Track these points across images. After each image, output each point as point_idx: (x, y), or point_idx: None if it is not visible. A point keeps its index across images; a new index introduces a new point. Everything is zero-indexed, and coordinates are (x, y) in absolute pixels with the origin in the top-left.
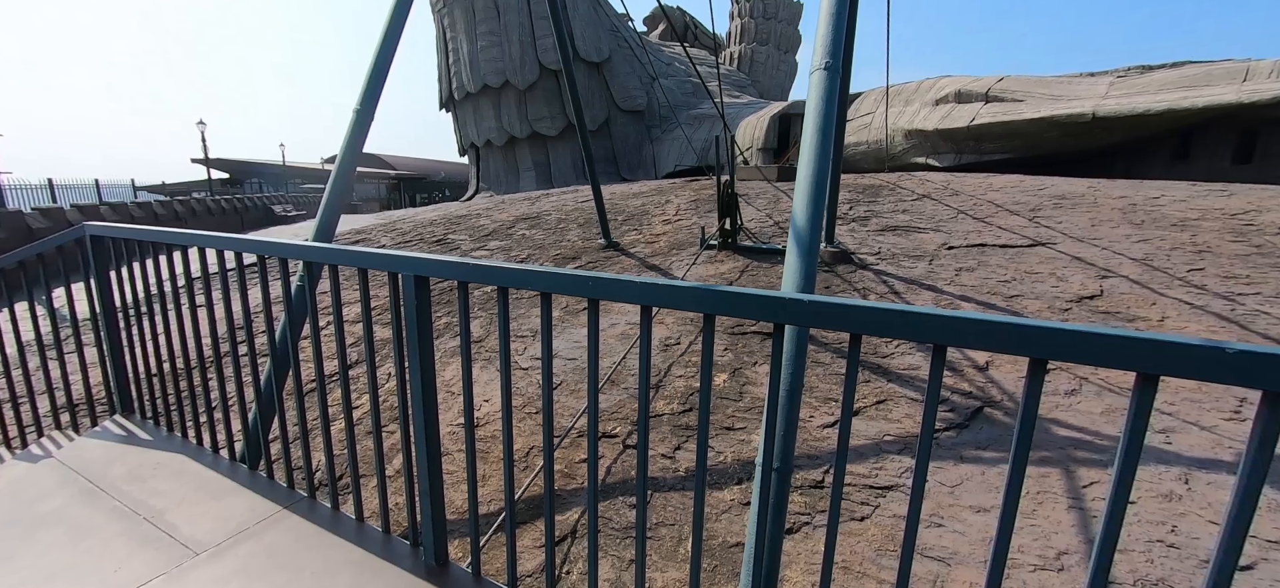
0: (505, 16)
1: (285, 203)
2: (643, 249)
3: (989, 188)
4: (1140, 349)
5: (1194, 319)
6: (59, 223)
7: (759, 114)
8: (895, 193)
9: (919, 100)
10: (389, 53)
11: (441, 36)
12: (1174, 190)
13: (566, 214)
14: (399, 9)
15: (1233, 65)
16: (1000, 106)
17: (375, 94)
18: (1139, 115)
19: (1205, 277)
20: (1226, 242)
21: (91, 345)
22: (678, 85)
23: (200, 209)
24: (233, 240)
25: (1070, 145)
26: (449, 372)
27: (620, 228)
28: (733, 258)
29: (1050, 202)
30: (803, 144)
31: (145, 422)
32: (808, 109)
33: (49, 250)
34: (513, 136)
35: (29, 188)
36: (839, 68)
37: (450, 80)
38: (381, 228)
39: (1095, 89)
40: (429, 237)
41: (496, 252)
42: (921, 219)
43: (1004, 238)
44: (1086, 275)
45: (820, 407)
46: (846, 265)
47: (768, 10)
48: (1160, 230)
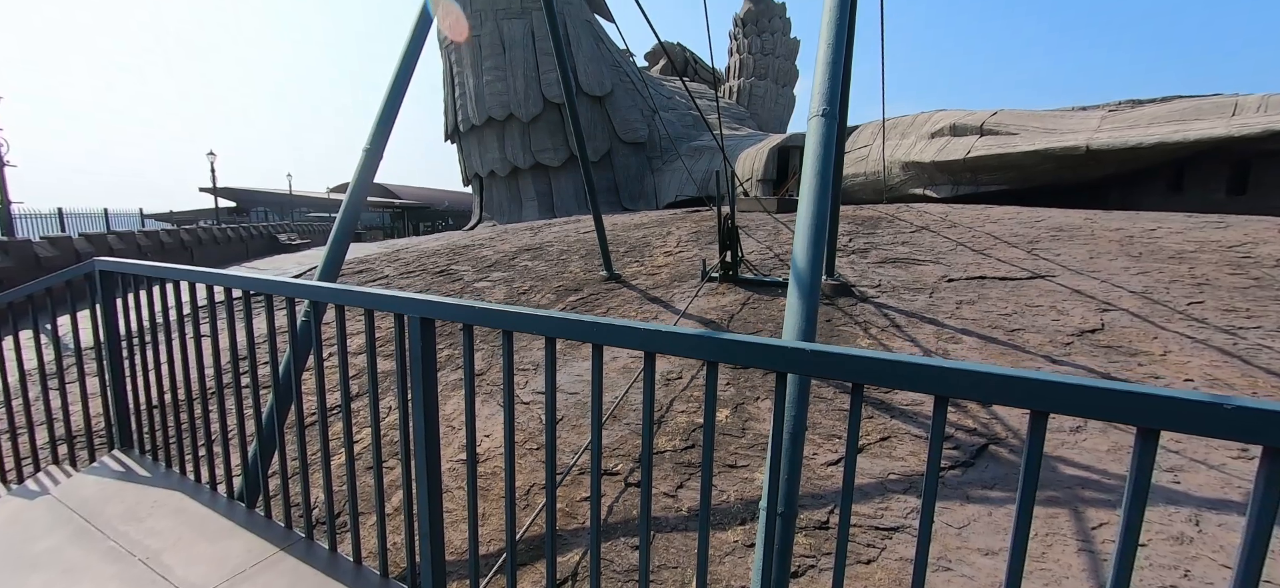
0: (511, 53)
1: (290, 232)
2: (644, 281)
3: (987, 219)
4: (1139, 404)
5: (1196, 354)
6: (66, 252)
7: (758, 146)
8: (894, 225)
9: (915, 133)
10: (399, 95)
11: (448, 71)
12: (1170, 222)
13: (568, 245)
14: (410, 52)
15: (1221, 100)
16: (995, 140)
17: (384, 134)
18: (1131, 148)
19: (1205, 310)
20: (1225, 274)
21: (93, 375)
22: (678, 118)
23: (206, 238)
24: (242, 279)
25: (1065, 177)
26: (449, 405)
27: (622, 259)
28: (734, 290)
29: (1048, 233)
30: (802, 188)
31: (144, 457)
32: (806, 154)
33: (57, 284)
34: (516, 167)
35: (39, 217)
36: (835, 114)
37: (456, 113)
38: (385, 257)
39: (1088, 123)
40: (432, 267)
41: (499, 283)
42: (921, 251)
43: (1003, 270)
44: (1087, 308)
45: (824, 444)
46: (847, 298)
47: (765, 47)
48: (1159, 263)
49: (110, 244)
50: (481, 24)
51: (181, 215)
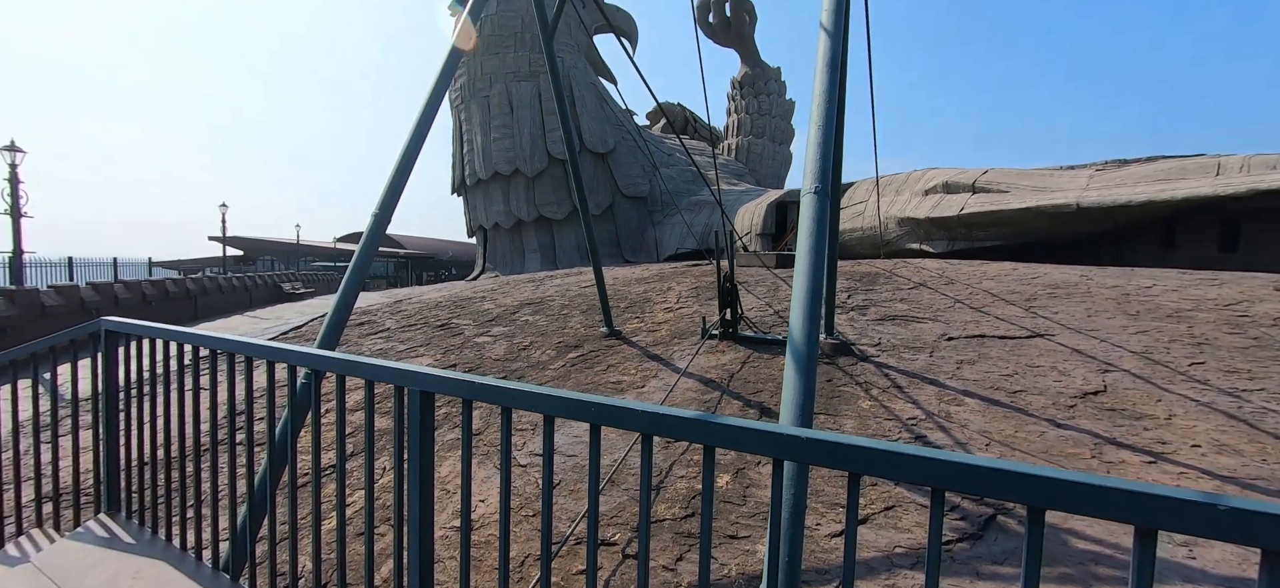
0: (518, 112)
1: (294, 281)
2: (645, 337)
3: (983, 276)
4: (1135, 503)
5: (1201, 417)
6: (72, 301)
7: (757, 202)
8: (892, 281)
9: (909, 190)
10: (410, 161)
11: (458, 128)
12: (1165, 279)
13: (570, 299)
14: (421, 124)
15: (1205, 160)
16: (987, 197)
17: (394, 199)
18: (1121, 206)
19: (1207, 371)
20: (1224, 333)
21: (87, 428)
22: (678, 174)
23: (211, 287)
24: (246, 345)
25: (1057, 233)
26: (445, 467)
27: (623, 315)
28: (734, 348)
29: (1045, 291)
30: (797, 262)
31: (130, 521)
32: (800, 229)
33: (61, 341)
34: (520, 220)
35: (49, 265)
36: (828, 191)
37: (463, 167)
38: (387, 309)
39: (1076, 181)
40: (433, 320)
41: (500, 338)
42: (919, 308)
43: (1002, 328)
44: (1088, 369)
45: (827, 513)
46: (847, 357)
47: (762, 108)
48: (1157, 321)
49: (116, 293)
50: (491, 86)
51: (188, 263)
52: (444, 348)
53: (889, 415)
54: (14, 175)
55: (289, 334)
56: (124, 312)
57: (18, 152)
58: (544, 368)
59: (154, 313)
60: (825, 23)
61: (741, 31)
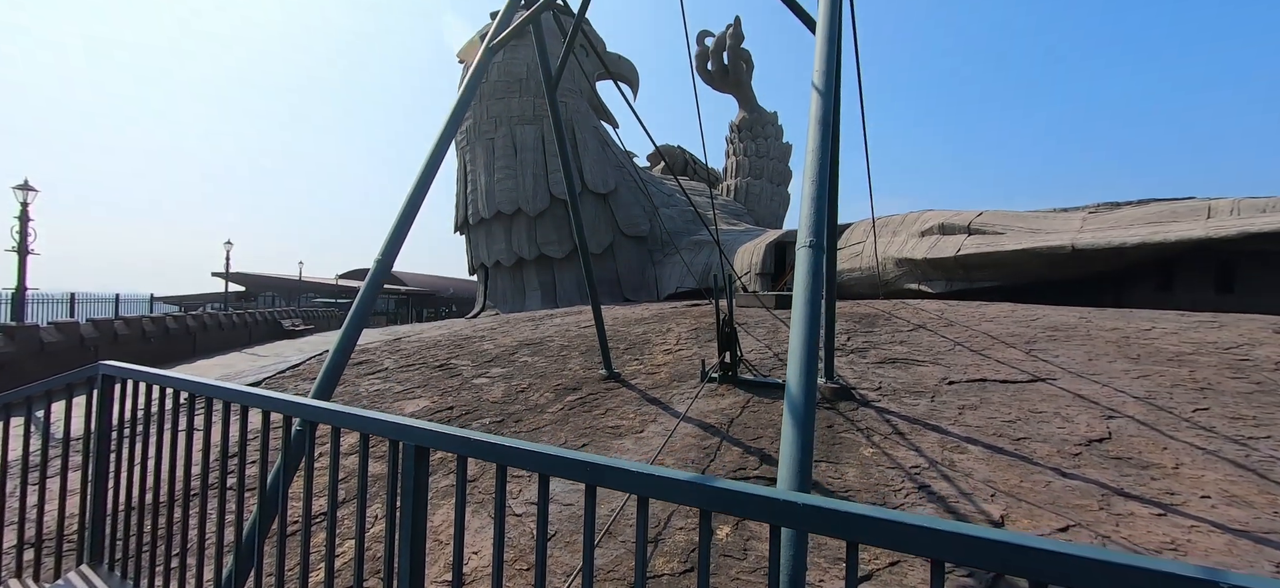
0: (522, 154)
1: (294, 318)
2: (644, 381)
3: (982, 317)
4: (1138, 580)
5: (1209, 467)
6: (72, 338)
7: (756, 241)
8: (891, 322)
9: (906, 231)
10: (414, 208)
11: (462, 169)
12: (1164, 322)
13: (569, 340)
14: (426, 172)
15: (1196, 203)
16: (983, 238)
17: (397, 244)
18: (1116, 248)
19: (1212, 417)
20: (1226, 378)
21: (76, 469)
22: (678, 214)
23: (211, 323)
24: (242, 394)
25: (1054, 275)
26: (438, 516)
27: (622, 357)
28: (733, 392)
29: (1044, 333)
30: (793, 318)
31: (112, 574)
32: (796, 282)
33: (58, 386)
34: (521, 258)
35: (52, 301)
36: (823, 245)
37: (467, 207)
38: (386, 347)
39: (1070, 223)
40: (432, 360)
41: (498, 379)
42: (919, 351)
43: (1003, 372)
44: (1091, 415)
45: (830, 569)
46: (848, 402)
47: (760, 150)
48: (1158, 365)
49: (116, 330)
50: (496, 129)
51: (189, 300)
52: (441, 389)
53: (891, 463)
54: (24, 214)
55: (286, 373)
56: (123, 348)
57: (30, 191)
58: (542, 411)
59: (153, 350)
60: (817, 82)
61: (739, 78)
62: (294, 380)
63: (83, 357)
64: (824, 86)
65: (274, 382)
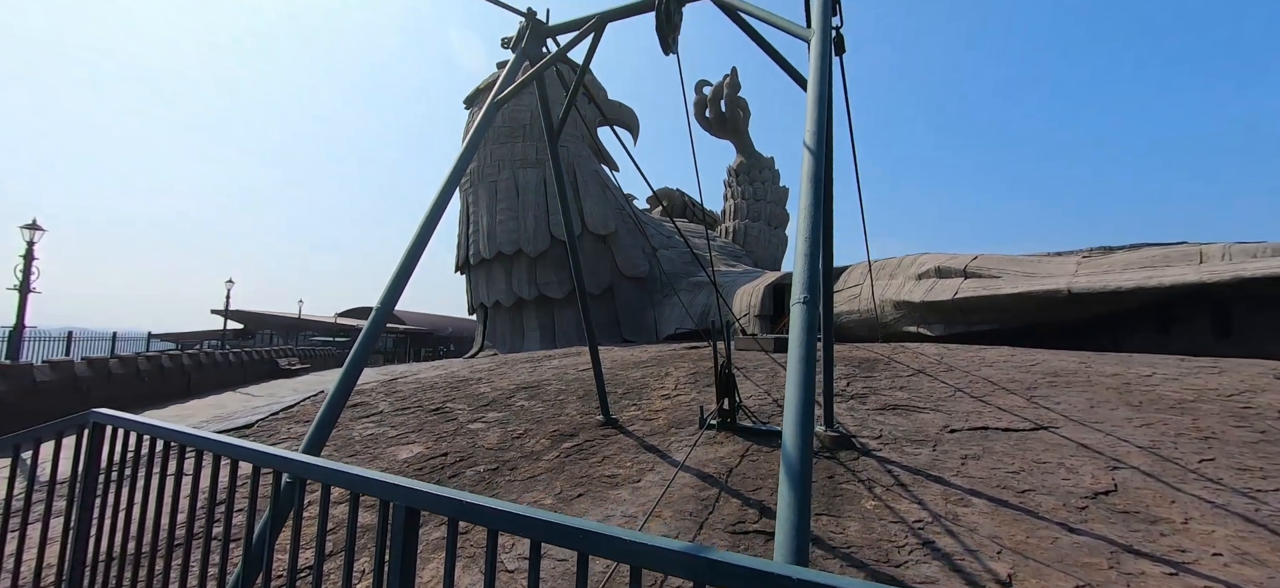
0: (524, 196)
1: (291, 356)
2: (641, 427)
3: (982, 362)
4: None
5: (1219, 522)
6: (65, 377)
7: (754, 283)
8: (891, 367)
9: (903, 274)
10: (416, 255)
11: (465, 210)
12: (1164, 367)
13: (567, 384)
14: (429, 220)
15: (1187, 248)
16: (979, 282)
17: (397, 291)
18: (1111, 292)
19: (1218, 468)
20: (1230, 427)
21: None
22: (677, 255)
23: (206, 362)
24: (232, 447)
25: (1051, 318)
26: (428, 572)
27: (619, 402)
28: (732, 440)
29: (1045, 379)
30: (788, 376)
31: None
32: (790, 339)
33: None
34: (521, 299)
35: (49, 338)
36: (816, 300)
37: (468, 247)
38: (382, 388)
39: (1065, 267)
40: (427, 404)
41: (494, 424)
42: (919, 397)
43: (1005, 420)
44: (1096, 466)
45: None
46: (849, 452)
47: (758, 193)
48: (1160, 413)
49: (111, 369)
50: (499, 172)
51: (186, 337)
52: (436, 435)
53: (894, 517)
54: (29, 253)
55: (279, 415)
56: (117, 387)
57: (37, 230)
58: (538, 458)
59: (147, 389)
60: (808, 141)
61: (736, 125)
62: (287, 423)
63: (75, 396)
64: (815, 145)
65: (266, 424)
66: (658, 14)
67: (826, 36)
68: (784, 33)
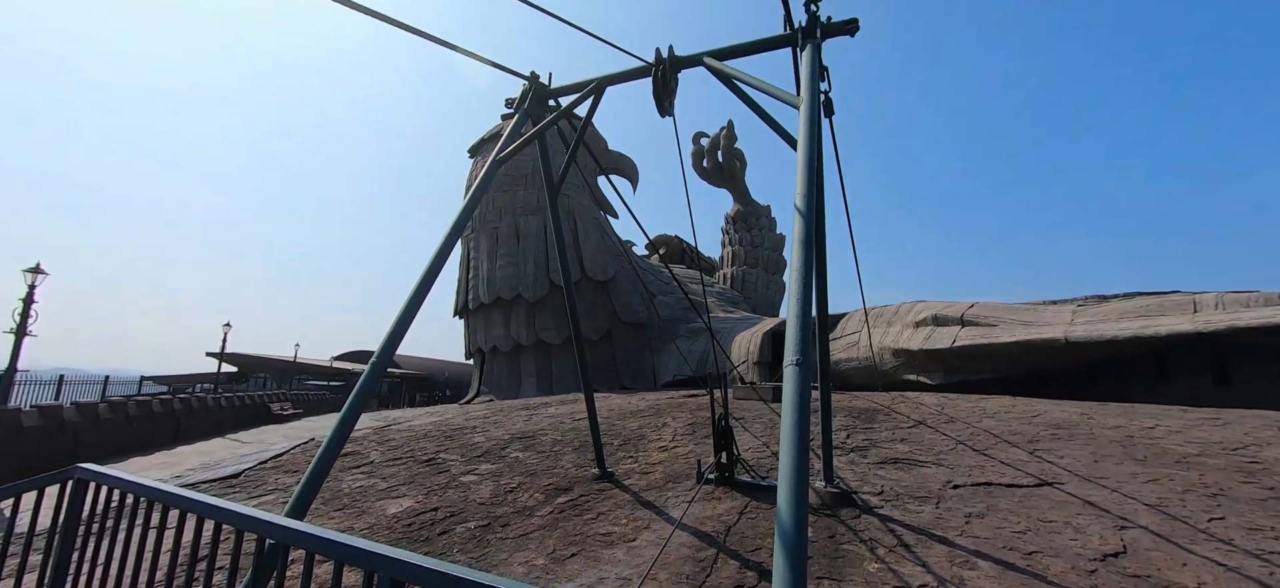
0: (524, 242)
1: (284, 402)
2: (638, 481)
3: (983, 413)
4: None
5: (1233, 587)
6: (53, 422)
7: (753, 330)
8: (891, 418)
9: (900, 322)
10: (414, 308)
11: (465, 256)
12: (1167, 419)
13: (563, 434)
14: (428, 274)
15: (1180, 297)
16: (977, 330)
17: (395, 343)
18: (1109, 340)
19: (1228, 528)
20: (1237, 483)
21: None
22: (676, 301)
23: (197, 407)
24: (216, 509)
25: (1049, 366)
26: None
27: (616, 454)
28: (730, 495)
29: (1047, 432)
30: (782, 440)
31: None
32: (784, 403)
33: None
34: (519, 344)
35: (40, 382)
36: (809, 362)
37: (467, 292)
38: (374, 436)
39: (1061, 316)
40: (420, 454)
41: (487, 477)
42: (921, 450)
43: (1008, 475)
44: (1104, 525)
45: None
46: (850, 509)
47: (755, 241)
48: (1166, 468)
49: (100, 414)
50: (501, 218)
51: (179, 380)
52: (427, 488)
53: (898, 581)
54: (29, 296)
55: (268, 464)
56: (105, 432)
57: (40, 273)
58: (531, 514)
59: (135, 434)
60: (799, 204)
61: (733, 175)
62: (275, 473)
63: (62, 441)
64: (805, 208)
65: (253, 474)
66: (655, 80)
67: (815, 105)
68: (776, 99)
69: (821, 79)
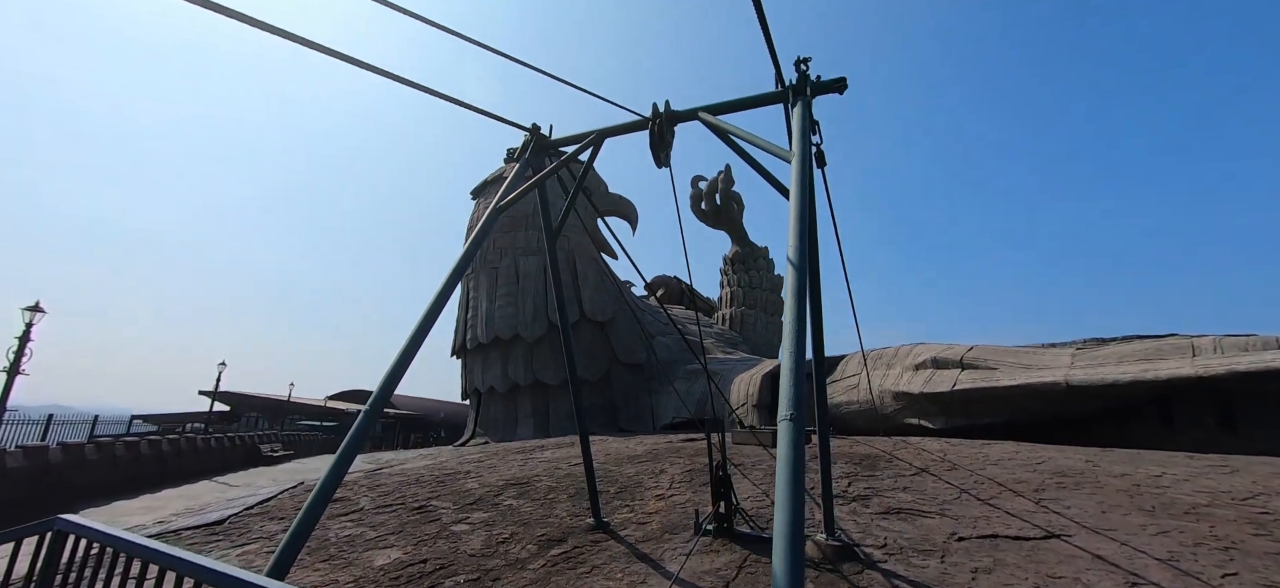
0: (524, 282)
1: (274, 443)
2: (634, 531)
3: (986, 460)
4: None
5: None
6: (38, 464)
7: (752, 372)
8: (893, 465)
9: (900, 364)
10: (409, 356)
11: (465, 295)
12: (1174, 467)
13: (558, 480)
14: (426, 321)
15: (1178, 341)
16: (977, 373)
17: (387, 395)
18: (1109, 384)
19: (1243, 585)
20: (1249, 535)
21: None
22: (675, 342)
23: (186, 447)
24: (195, 567)
25: (1052, 410)
26: None
27: (612, 503)
28: (729, 548)
29: (1052, 480)
30: (777, 500)
31: None
32: (779, 457)
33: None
34: (516, 384)
35: (29, 422)
36: (803, 417)
37: (465, 332)
38: (365, 480)
39: (1060, 359)
40: (411, 500)
41: (479, 526)
42: (924, 499)
43: (1015, 527)
44: (1115, 582)
45: None
46: (852, 564)
47: (753, 282)
48: (1175, 519)
49: (86, 456)
50: (501, 259)
51: (169, 419)
52: (417, 538)
53: None
54: (25, 335)
55: (254, 509)
56: (92, 473)
57: (39, 311)
58: (522, 567)
59: (122, 475)
60: (791, 257)
61: (731, 217)
62: (261, 519)
63: (46, 482)
64: (798, 260)
65: (238, 521)
66: (651, 133)
67: (806, 160)
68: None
69: (813, 132)
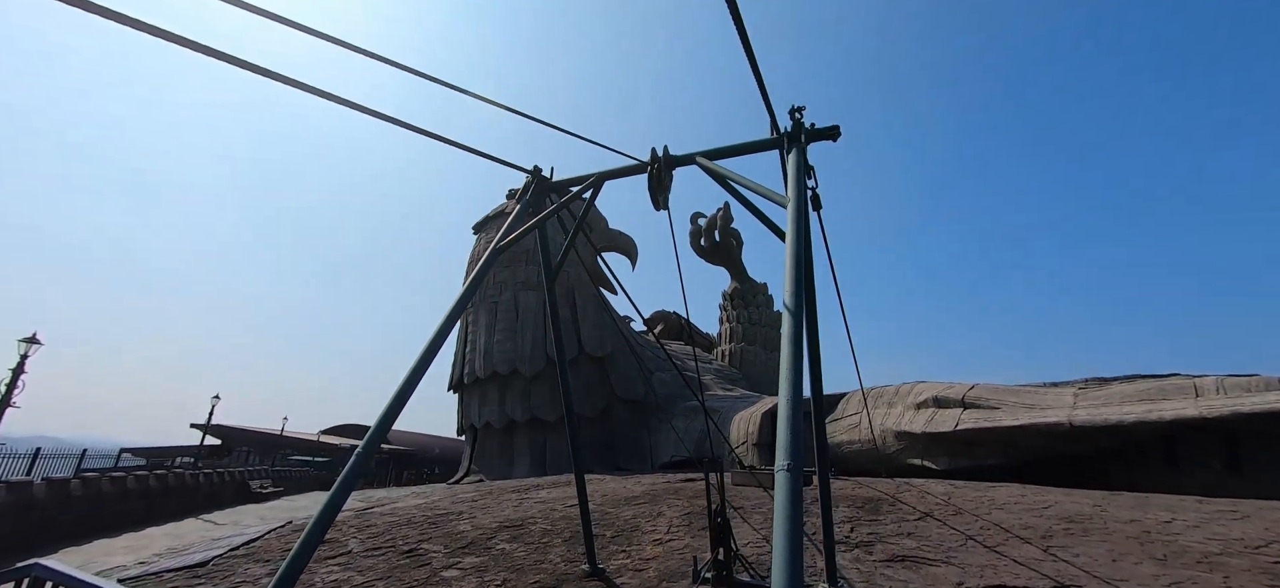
0: (523, 317)
1: (264, 479)
2: (630, 579)
3: (992, 504)
4: None
5: None
6: (21, 499)
7: (752, 409)
8: (896, 509)
9: (901, 403)
10: (409, 390)
11: (463, 329)
12: (1184, 513)
13: (553, 523)
14: (423, 360)
15: (1181, 381)
16: (980, 413)
17: (380, 437)
18: (1113, 425)
19: None
20: (1264, 586)
21: None
22: (674, 379)
23: (174, 483)
24: None
25: (1056, 450)
26: None
27: (608, 547)
28: None
29: (1060, 526)
30: (775, 550)
31: None
32: (776, 510)
33: None
34: (512, 420)
35: (16, 456)
36: (800, 466)
37: (463, 366)
38: (355, 520)
39: (1063, 399)
40: (401, 543)
41: (470, 573)
42: (928, 545)
43: (1023, 577)
44: None
45: None
46: None
47: (752, 317)
48: (1188, 569)
49: (71, 491)
50: (501, 293)
51: (158, 453)
52: (405, 584)
53: None
54: (19, 367)
55: (239, 550)
56: (76, 508)
57: (35, 343)
58: None
59: (106, 513)
60: (787, 302)
61: (730, 253)
62: (246, 562)
63: (28, 519)
64: (794, 305)
65: (223, 563)
66: (650, 176)
67: (802, 206)
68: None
69: (808, 177)
